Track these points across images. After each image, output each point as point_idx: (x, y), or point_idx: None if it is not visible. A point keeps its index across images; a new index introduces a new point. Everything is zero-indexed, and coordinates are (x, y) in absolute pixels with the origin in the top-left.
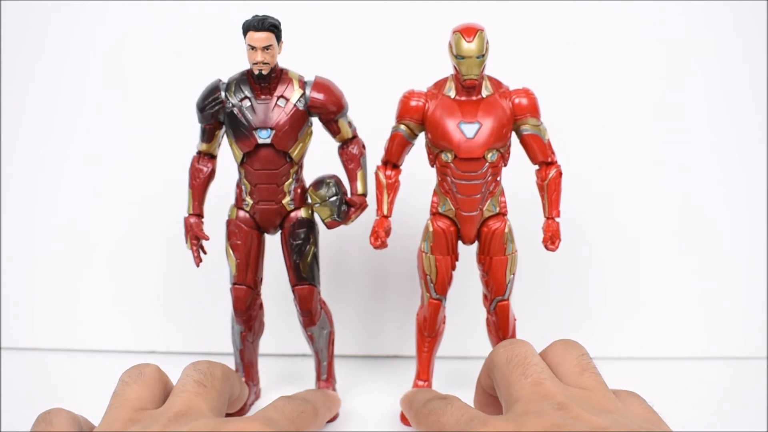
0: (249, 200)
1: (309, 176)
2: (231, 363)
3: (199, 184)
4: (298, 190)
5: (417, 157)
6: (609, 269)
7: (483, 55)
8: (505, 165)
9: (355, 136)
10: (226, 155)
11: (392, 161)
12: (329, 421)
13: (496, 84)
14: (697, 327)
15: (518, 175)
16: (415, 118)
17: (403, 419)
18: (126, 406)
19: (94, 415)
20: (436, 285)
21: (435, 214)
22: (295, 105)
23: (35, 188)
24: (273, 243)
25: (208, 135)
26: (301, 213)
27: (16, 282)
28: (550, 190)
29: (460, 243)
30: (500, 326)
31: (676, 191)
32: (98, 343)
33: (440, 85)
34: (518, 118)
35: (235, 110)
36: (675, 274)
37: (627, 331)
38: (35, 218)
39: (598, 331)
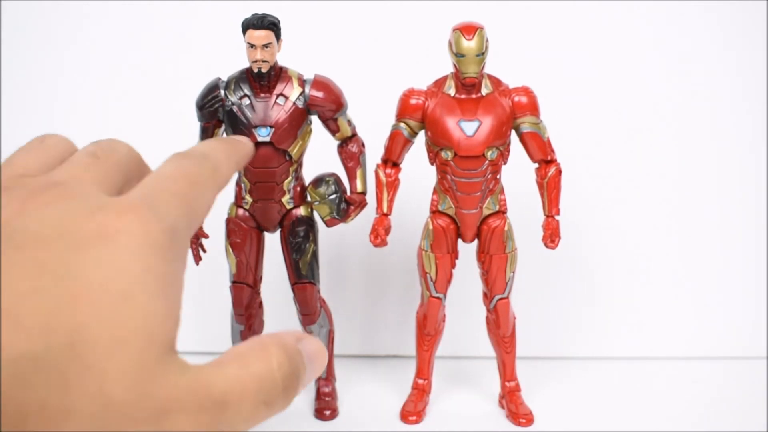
0: (248, 198)
1: (308, 174)
2: None
3: None
4: (298, 189)
5: (417, 155)
6: (609, 268)
7: (483, 53)
8: (505, 163)
9: (354, 135)
10: None
11: (392, 159)
12: (328, 419)
13: (496, 82)
14: (696, 327)
15: (518, 173)
16: (415, 117)
17: (404, 418)
18: (5, 172)
19: None
20: (436, 283)
21: (435, 212)
22: (294, 103)
23: None
24: (273, 241)
25: (208, 133)
26: (301, 211)
27: None
28: (549, 188)
29: (460, 241)
30: (500, 324)
31: (676, 190)
32: None
33: (440, 83)
34: (518, 116)
35: (235, 108)
36: (675, 274)
37: (627, 330)
38: None
39: (598, 330)
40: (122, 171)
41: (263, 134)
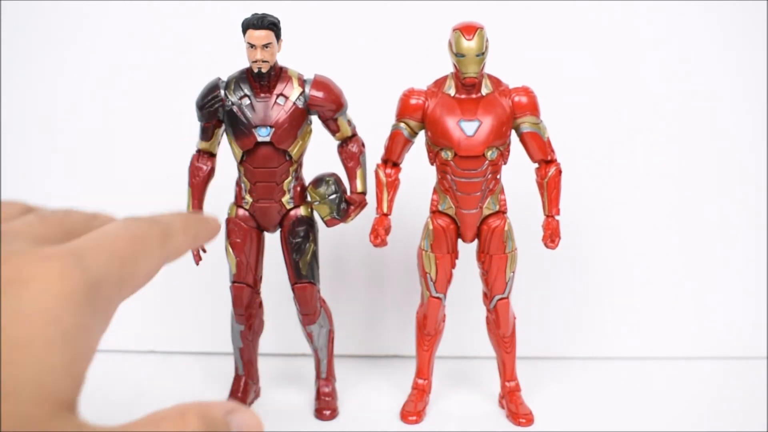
0: (248, 198)
1: (308, 174)
2: (231, 362)
3: (199, 182)
4: (298, 189)
5: (417, 155)
6: (609, 268)
7: (483, 53)
8: (505, 163)
9: (354, 135)
10: (226, 153)
11: (392, 159)
12: (328, 419)
13: (496, 82)
14: (696, 327)
15: (518, 173)
16: (415, 117)
17: (404, 418)
18: None
19: (93, 415)
20: (436, 283)
21: (435, 212)
22: (294, 103)
23: (35, 189)
24: (273, 241)
25: (208, 133)
26: (301, 211)
27: None
28: (549, 188)
29: (460, 241)
30: (500, 324)
31: (676, 190)
32: None
33: (440, 83)
34: (518, 116)
35: (235, 108)
36: (675, 274)
37: (627, 330)
38: None
39: (598, 330)
40: (65, 229)
41: (263, 134)
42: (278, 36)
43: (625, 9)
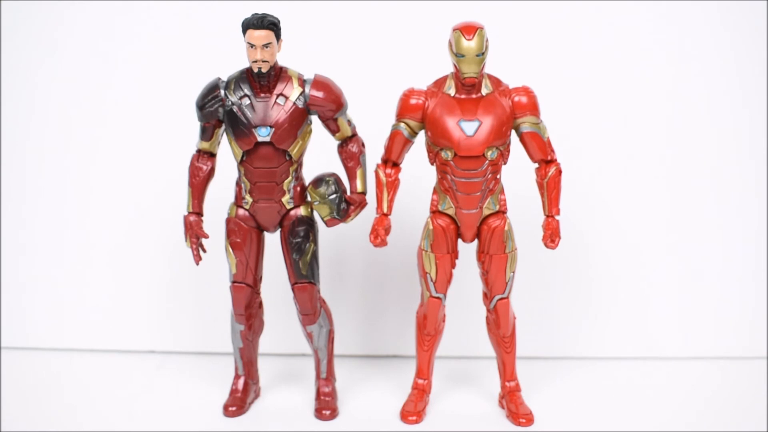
0: (249, 198)
1: (308, 174)
2: (231, 362)
3: (199, 182)
4: (298, 188)
5: (417, 155)
6: (609, 268)
7: (483, 53)
8: (505, 163)
9: (354, 135)
10: (226, 153)
11: (392, 159)
12: (328, 419)
13: (496, 82)
14: (697, 327)
15: (518, 173)
16: (415, 116)
17: (404, 418)
18: None
19: (93, 415)
20: (436, 283)
21: (435, 212)
22: (294, 103)
23: (35, 189)
24: (273, 241)
25: (208, 133)
26: (301, 211)
27: (16, 282)
28: (549, 188)
29: (460, 241)
30: (500, 324)
31: (677, 192)
32: (98, 343)
33: (440, 83)
34: (518, 116)
35: (235, 108)
36: (676, 275)
37: (627, 330)
38: (36, 219)
39: (599, 330)
40: None
41: (263, 134)
42: (278, 36)
43: (625, 9)
